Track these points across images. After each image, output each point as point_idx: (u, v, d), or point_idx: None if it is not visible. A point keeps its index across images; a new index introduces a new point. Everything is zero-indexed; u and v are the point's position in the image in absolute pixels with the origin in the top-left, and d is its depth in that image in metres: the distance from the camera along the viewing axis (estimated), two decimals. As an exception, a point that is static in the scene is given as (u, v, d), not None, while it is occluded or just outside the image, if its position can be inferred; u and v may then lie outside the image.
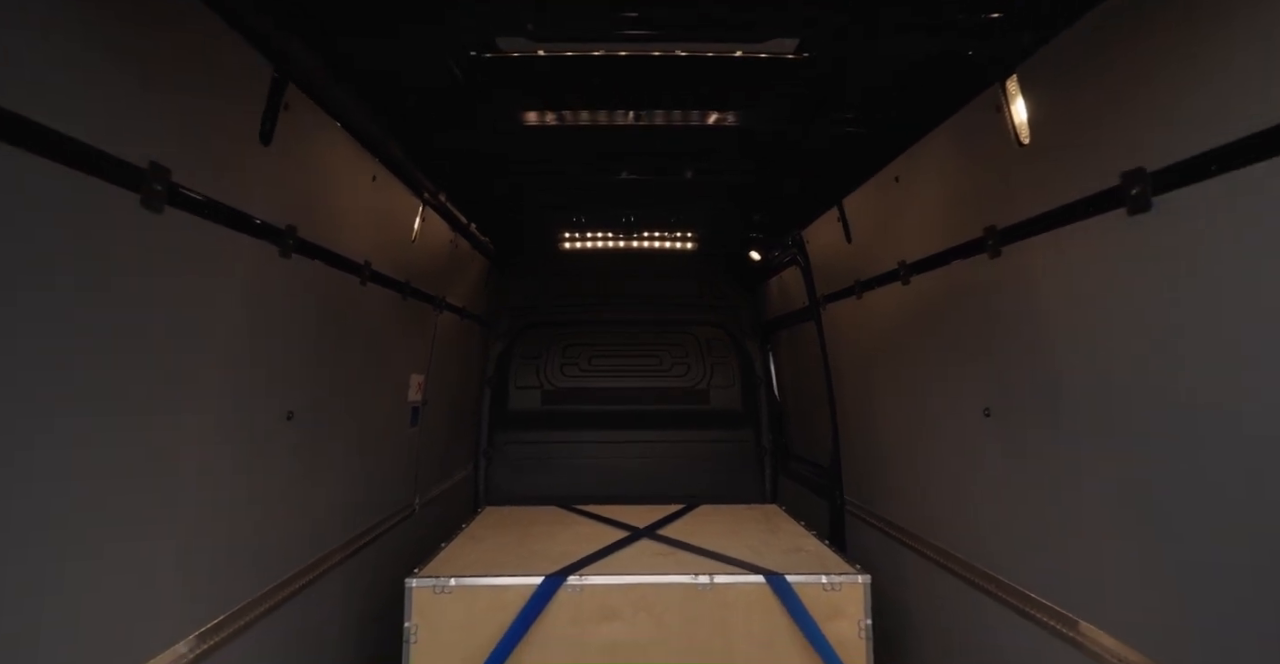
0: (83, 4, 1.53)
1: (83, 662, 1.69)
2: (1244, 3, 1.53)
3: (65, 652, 1.64)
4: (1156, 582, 1.93)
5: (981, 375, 2.86)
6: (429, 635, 2.97)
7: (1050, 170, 2.26)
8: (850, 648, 2.99)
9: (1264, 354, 1.57)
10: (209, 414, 2.21)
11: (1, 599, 1.46)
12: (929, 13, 2.21)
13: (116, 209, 1.71)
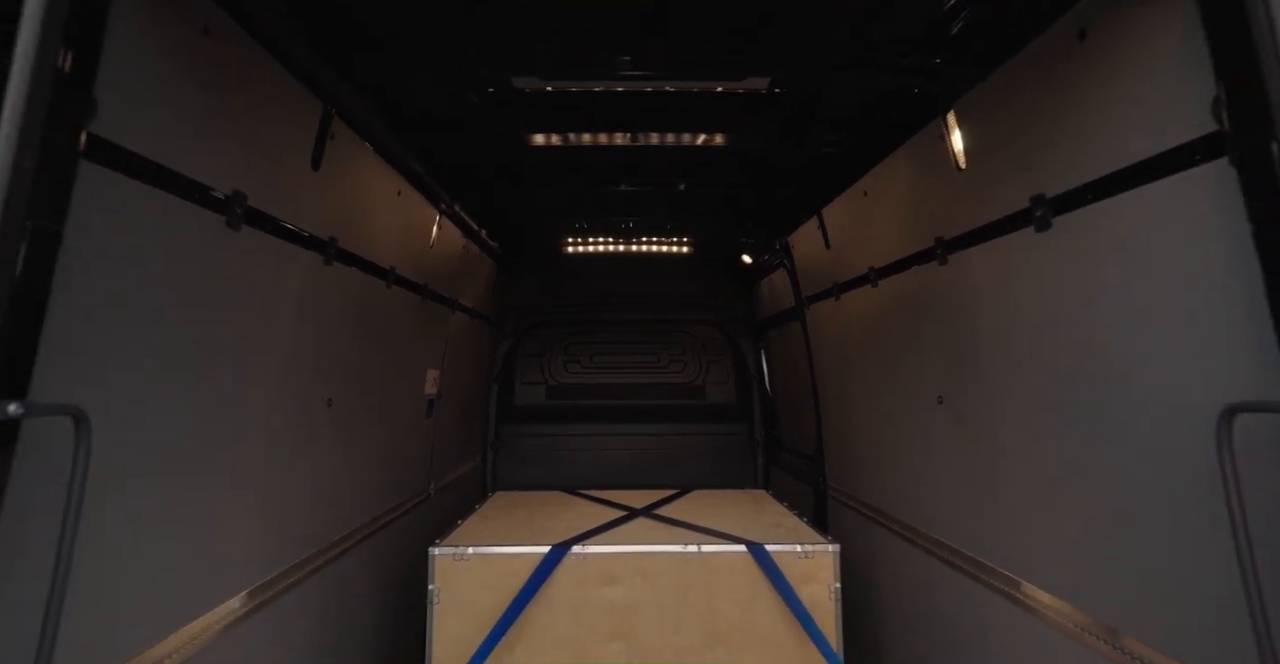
0: (190, 66, 1.93)
1: (165, 602, 2.07)
2: (1108, 71, 1.92)
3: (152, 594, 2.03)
4: (1082, 543, 2.30)
5: (935, 368, 3.26)
6: (449, 597, 3.37)
7: (980, 192, 2.66)
8: (822, 609, 3.38)
9: (1134, 342, 1.96)
10: (270, 399, 2.61)
11: (120, 545, 1.85)
12: (876, 57, 2.61)
13: (208, 229, 2.11)
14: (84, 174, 1.51)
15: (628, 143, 3.66)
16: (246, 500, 2.51)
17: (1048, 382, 2.38)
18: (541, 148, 3.74)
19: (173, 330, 1.99)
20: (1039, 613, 2.49)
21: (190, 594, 2.18)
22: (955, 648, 3.17)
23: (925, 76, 2.69)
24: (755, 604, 3.41)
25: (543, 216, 5.44)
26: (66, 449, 1.39)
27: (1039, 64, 2.23)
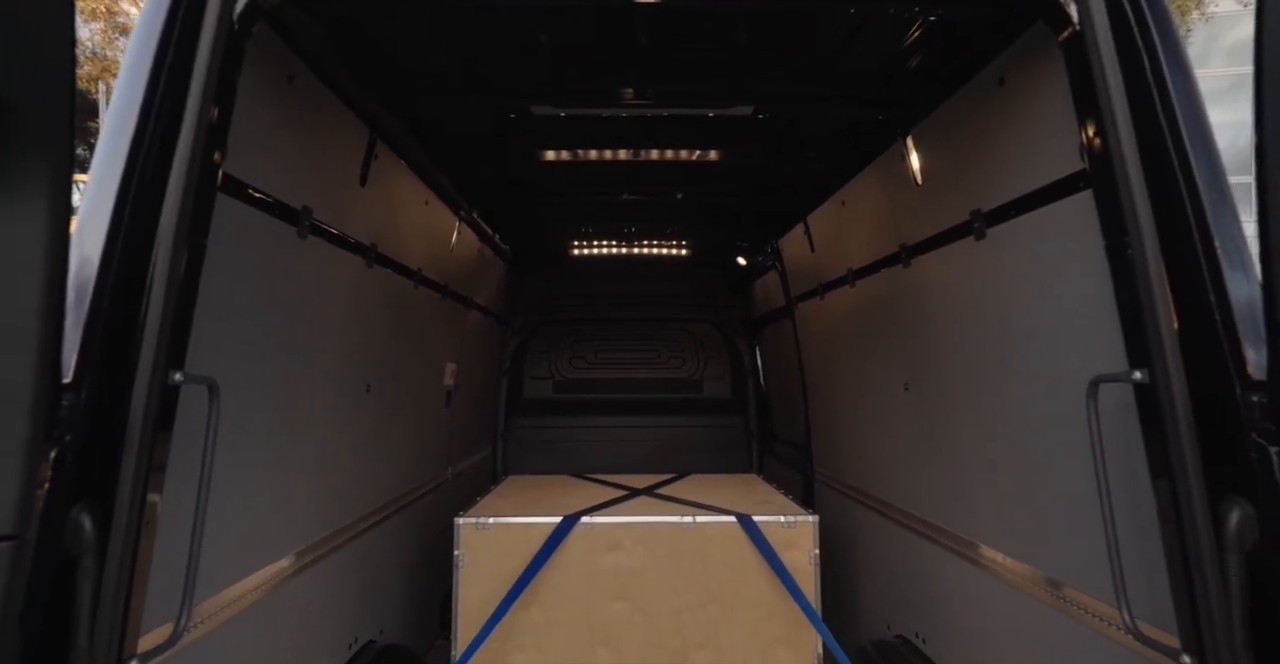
0: (278, 108, 2.36)
1: (240, 555, 2.49)
2: (1020, 112, 2.36)
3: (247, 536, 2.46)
4: (1018, 505, 2.72)
5: (902, 359, 3.70)
6: (472, 561, 3.80)
7: (933, 205, 3.09)
8: (802, 572, 3.82)
9: (1041, 330, 2.39)
10: (324, 382, 3.05)
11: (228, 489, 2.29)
12: (843, 91, 3.05)
13: (284, 239, 2.55)
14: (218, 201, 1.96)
15: (630, 158, 4.10)
16: (307, 467, 2.94)
17: (985, 367, 2.82)
18: (552, 163, 4.18)
19: (260, 322, 2.43)
20: (993, 570, 2.88)
21: (266, 543, 2.62)
22: (921, 604, 3.61)
23: (884, 108, 3.13)
24: (744, 568, 3.84)
25: (551, 223, 5.88)
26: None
27: (971, 102, 2.67)
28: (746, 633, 3.80)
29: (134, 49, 1.72)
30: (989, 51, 2.45)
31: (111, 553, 1.57)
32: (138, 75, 1.69)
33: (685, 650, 3.79)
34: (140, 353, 1.64)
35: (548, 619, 3.79)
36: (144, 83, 1.69)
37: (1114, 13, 1.77)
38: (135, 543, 1.63)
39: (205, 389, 1.87)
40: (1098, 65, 1.76)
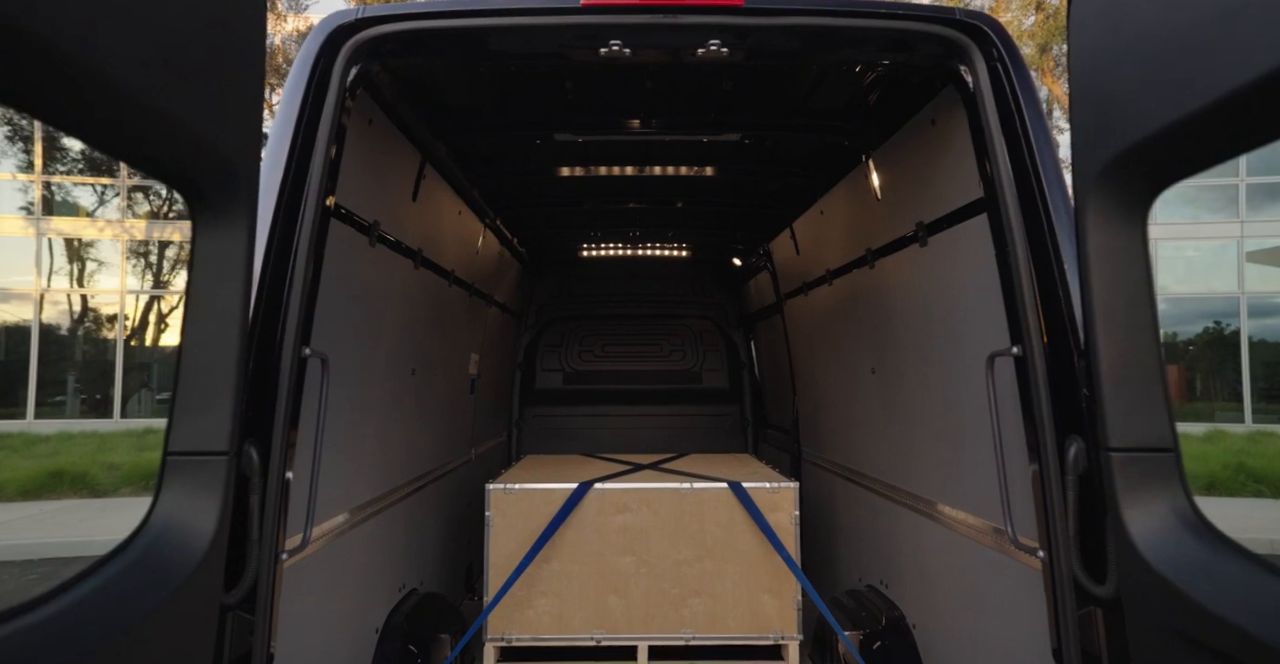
0: (361, 145, 2.99)
1: (333, 496, 3.12)
2: (946, 146, 2.98)
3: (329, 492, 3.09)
4: (954, 460, 3.34)
5: (869, 346, 4.32)
6: (501, 521, 4.43)
7: (890, 216, 3.72)
8: (785, 531, 4.43)
9: (963, 319, 3.01)
10: (384, 364, 3.68)
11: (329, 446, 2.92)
12: (813, 122, 3.68)
13: (360, 248, 3.18)
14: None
15: (635, 174, 4.73)
16: (369, 435, 3.58)
17: (928, 349, 3.45)
18: (568, 177, 4.81)
19: (343, 314, 3.06)
20: (948, 523, 3.46)
21: (346, 491, 3.25)
22: (883, 555, 4.24)
23: (848, 136, 3.76)
24: (734, 527, 4.46)
25: (565, 229, 6.52)
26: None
27: (913, 135, 3.29)
28: (736, 583, 4.42)
29: (283, 107, 2.35)
30: (922, 98, 3.08)
31: (271, 476, 2.20)
32: (285, 127, 2.32)
33: (684, 597, 4.42)
34: (284, 335, 2.28)
35: (565, 570, 4.41)
36: (290, 132, 2.32)
37: (994, 81, 2.39)
38: (284, 471, 2.27)
39: (319, 362, 2.51)
40: (985, 119, 2.39)
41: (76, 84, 1.41)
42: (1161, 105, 1.70)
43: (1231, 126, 1.63)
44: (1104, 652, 2.10)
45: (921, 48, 2.58)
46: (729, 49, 2.54)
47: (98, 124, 1.59)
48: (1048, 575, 2.30)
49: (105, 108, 1.52)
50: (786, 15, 2.49)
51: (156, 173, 1.82)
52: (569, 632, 4.37)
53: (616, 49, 2.54)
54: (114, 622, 1.61)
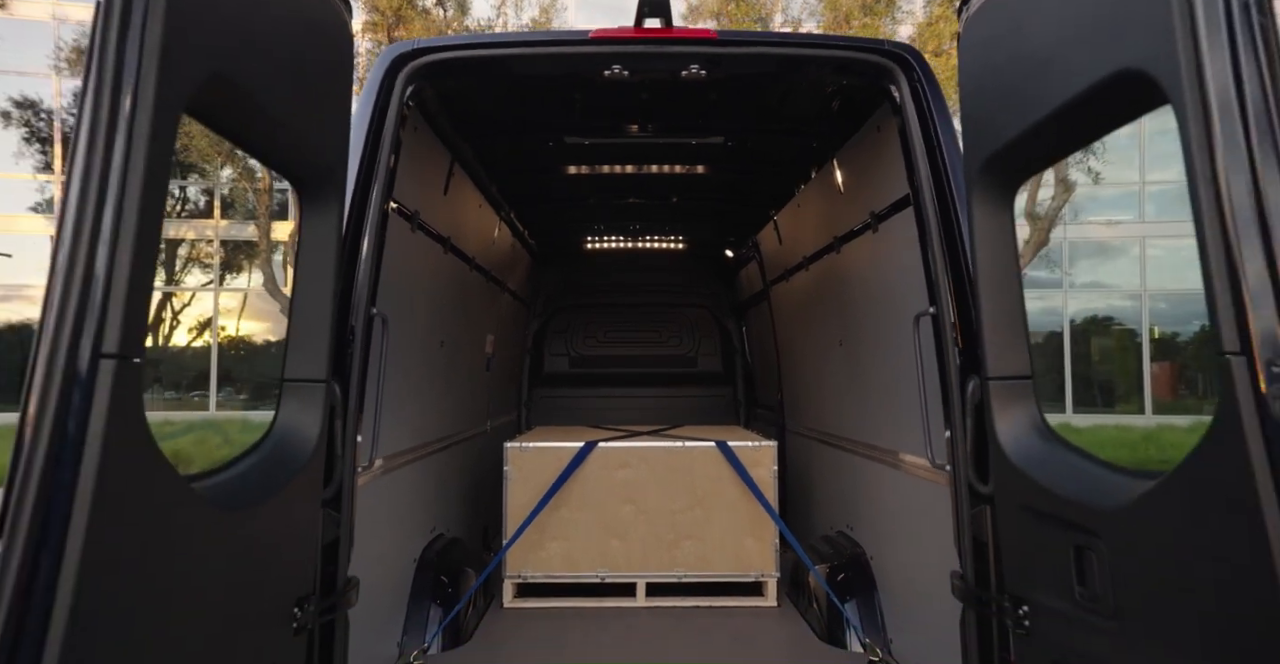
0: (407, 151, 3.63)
1: (388, 435, 3.76)
2: (886, 149, 3.61)
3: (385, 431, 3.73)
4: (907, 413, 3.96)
5: (838, 322, 4.97)
6: (517, 475, 5.08)
7: (851, 208, 4.36)
8: (765, 484, 5.07)
9: (903, 290, 3.65)
10: (420, 333, 4.33)
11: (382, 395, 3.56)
12: (785, 127, 4.33)
13: (404, 233, 3.83)
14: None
15: (635, 172, 5.38)
16: (408, 392, 4.22)
17: (878, 318, 4.09)
18: (575, 175, 5.46)
19: (395, 286, 3.70)
20: (907, 470, 4.00)
21: (394, 434, 3.89)
22: (849, 503, 4.88)
23: (816, 138, 4.41)
24: (721, 480, 5.11)
25: (571, 222, 7.17)
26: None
27: (865, 139, 3.94)
28: (722, 528, 5.07)
29: (356, 118, 3.00)
30: (870, 109, 3.72)
31: (350, 407, 2.85)
32: (359, 135, 2.97)
33: (677, 541, 5.06)
34: (356, 296, 2.93)
35: (573, 517, 5.06)
36: (362, 140, 2.97)
37: (915, 98, 3.04)
38: (360, 404, 2.91)
39: (381, 320, 3.16)
40: (908, 127, 3.03)
41: (244, 107, 2.06)
42: (1014, 120, 2.35)
43: (1058, 134, 2.28)
44: (989, 537, 2.74)
45: (860, 70, 3.23)
46: (706, 71, 3.19)
47: (252, 134, 2.24)
48: (951, 484, 2.95)
49: (258, 122, 2.18)
50: (751, 45, 3.15)
51: (280, 170, 2.48)
52: (576, 570, 5.02)
53: (617, 71, 3.20)
54: (263, 489, 2.27)
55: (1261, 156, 1.58)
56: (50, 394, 1.50)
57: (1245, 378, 1.57)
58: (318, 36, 2.44)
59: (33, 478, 1.46)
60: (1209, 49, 1.62)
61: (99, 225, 1.56)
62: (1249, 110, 1.59)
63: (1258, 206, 1.57)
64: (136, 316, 1.62)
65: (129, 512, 1.63)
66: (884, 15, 16.29)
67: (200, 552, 1.92)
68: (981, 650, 2.77)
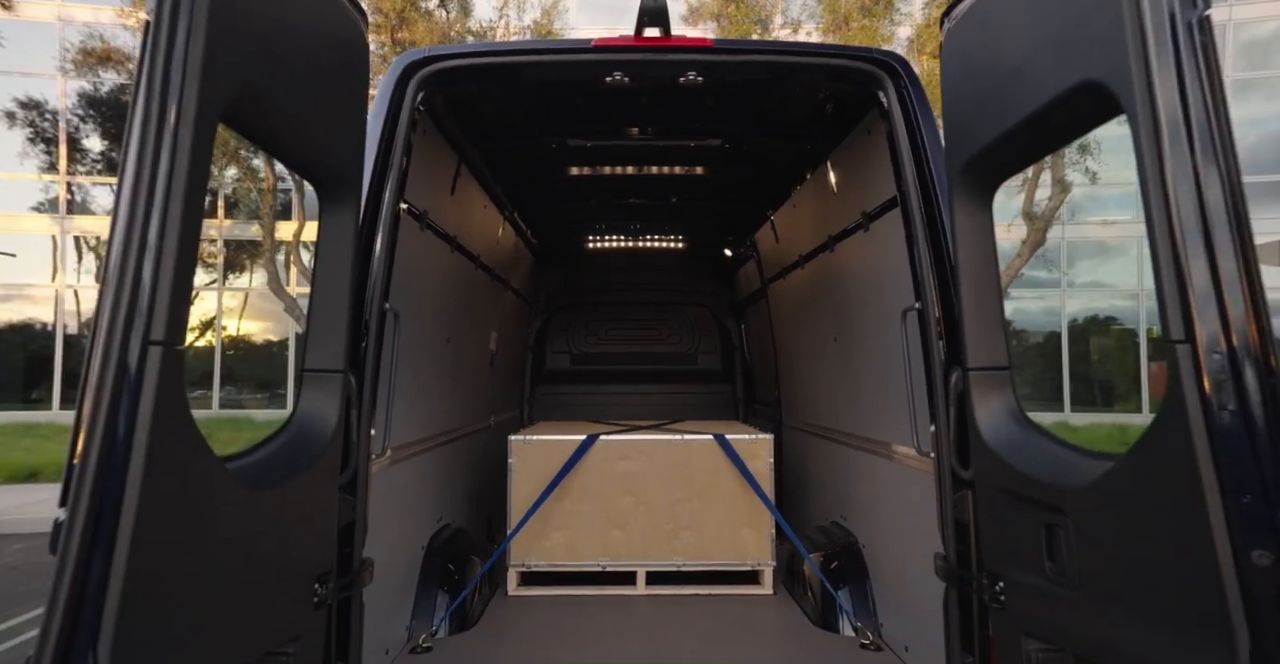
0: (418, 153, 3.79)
1: (409, 424, 3.92)
2: (877, 152, 3.77)
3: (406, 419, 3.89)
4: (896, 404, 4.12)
5: (832, 318, 5.12)
6: (521, 467, 5.23)
7: (844, 207, 4.52)
8: (762, 476, 5.23)
9: (892, 286, 3.80)
10: (429, 329, 4.48)
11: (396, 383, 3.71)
12: (781, 130, 4.49)
13: (414, 232, 3.99)
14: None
15: (635, 173, 5.54)
16: (415, 386, 4.38)
17: (870, 313, 4.25)
18: (577, 176, 5.61)
19: (405, 282, 3.86)
20: (897, 461, 4.20)
21: (405, 425, 4.05)
22: (842, 494, 5.03)
23: (811, 141, 4.57)
24: (719, 472, 5.26)
25: (572, 222, 7.33)
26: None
27: (856, 141, 4.10)
28: (720, 519, 5.22)
29: (370, 123, 3.15)
30: (861, 113, 3.88)
31: (364, 397, 3.01)
32: (372, 138, 3.13)
33: (676, 531, 5.22)
34: (370, 291, 3.09)
35: (575, 508, 5.22)
36: (375, 143, 3.13)
37: (902, 103, 3.20)
38: (374, 394, 3.07)
39: (394, 314, 3.32)
40: (895, 131, 3.19)
41: (271, 113, 2.22)
42: (990, 125, 2.51)
43: (1030, 139, 2.44)
44: (970, 520, 2.90)
45: (850, 77, 3.39)
46: (703, 78, 3.35)
47: (277, 139, 2.40)
48: (936, 471, 3.10)
49: (283, 127, 2.34)
50: (745, 53, 3.31)
51: (302, 171, 2.64)
52: (578, 559, 5.18)
53: (618, 78, 3.36)
54: (287, 471, 2.43)
55: (1203, 163, 1.74)
56: (106, 378, 1.66)
57: (1190, 363, 1.72)
58: (336, 46, 2.60)
59: (92, 453, 1.62)
60: (1158, 65, 1.78)
61: (147, 225, 1.72)
62: (1192, 121, 1.74)
63: (1200, 209, 1.73)
64: (180, 308, 1.78)
65: (173, 482, 1.79)
66: (882, 17, 16.43)
67: (232, 525, 2.08)
68: (963, 626, 2.93)
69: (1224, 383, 1.69)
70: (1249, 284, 1.70)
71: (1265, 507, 1.63)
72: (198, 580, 1.91)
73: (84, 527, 1.60)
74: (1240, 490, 1.65)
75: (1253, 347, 1.68)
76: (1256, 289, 1.70)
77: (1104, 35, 1.92)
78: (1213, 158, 1.74)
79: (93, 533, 1.60)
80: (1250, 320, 1.69)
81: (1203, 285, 1.72)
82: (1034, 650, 2.42)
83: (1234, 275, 1.71)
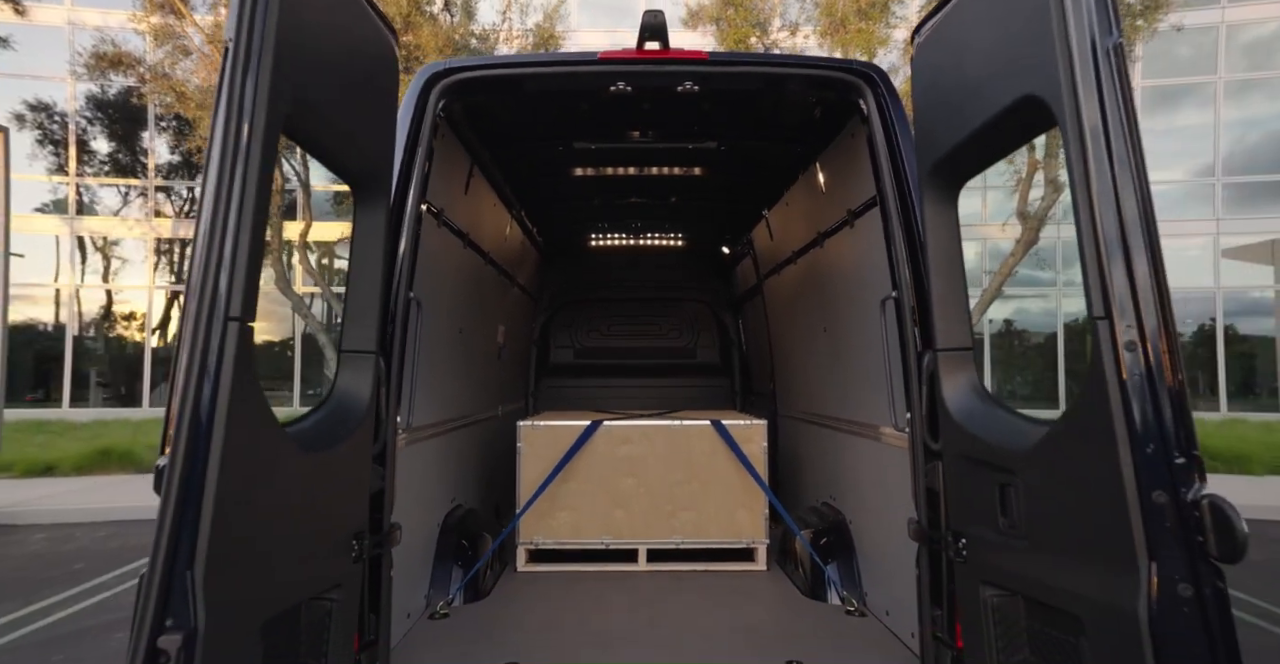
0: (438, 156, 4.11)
1: (430, 407, 4.24)
2: (859, 154, 4.09)
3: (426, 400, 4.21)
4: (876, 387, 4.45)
5: (822, 310, 5.45)
6: (529, 450, 5.56)
7: (832, 205, 4.84)
8: (756, 459, 5.55)
9: (873, 277, 4.12)
10: (444, 320, 4.80)
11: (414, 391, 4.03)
12: (773, 133, 4.81)
13: (433, 229, 4.31)
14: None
15: (636, 174, 5.86)
16: (432, 373, 4.70)
17: (854, 303, 4.57)
18: (581, 177, 5.94)
19: (424, 274, 4.18)
20: (885, 441, 4.48)
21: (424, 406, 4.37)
22: (831, 476, 5.35)
23: (801, 143, 4.89)
24: (716, 456, 5.58)
25: (576, 221, 7.65)
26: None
27: (842, 143, 4.42)
28: (717, 500, 5.55)
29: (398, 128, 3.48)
30: (845, 118, 4.20)
31: (392, 378, 3.33)
32: (399, 145, 3.45)
33: (675, 511, 5.54)
34: (396, 280, 3.41)
35: (580, 489, 5.54)
36: (402, 147, 3.45)
37: (880, 110, 3.52)
38: (400, 374, 3.39)
39: (417, 303, 3.64)
40: (873, 136, 3.51)
41: (320, 124, 2.55)
42: (953, 132, 2.83)
43: (985, 145, 2.76)
44: (940, 487, 3.22)
45: (833, 86, 3.71)
46: (699, 87, 3.67)
47: (324, 146, 2.73)
48: (909, 443, 3.42)
49: (328, 135, 2.66)
50: (737, 65, 3.63)
51: (341, 174, 2.97)
52: (583, 537, 5.50)
53: (621, 87, 3.68)
54: (331, 438, 2.75)
55: (1119, 166, 2.06)
56: (196, 347, 1.98)
57: (1107, 336, 2.04)
58: (372, 62, 2.92)
59: (185, 411, 1.94)
60: (1082, 84, 2.10)
61: (225, 222, 2.04)
62: (1110, 131, 2.07)
63: (1116, 207, 2.06)
64: (250, 290, 2.10)
65: (245, 436, 2.11)
66: (879, 20, 16.73)
67: (289, 479, 2.40)
68: (933, 583, 3.25)
69: (1134, 352, 2.01)
70: (1154, 270, 2.02)
71: (1163, 454, 1.95)
72: (265, 522, 2.24)
73: (180, 470, 1.92)
74: (1145, 442, 1.97)
75: (1156, 322, 2.00)
76: (1160, 274, 2.02)
77: (1041, 56, 2.24)
78: (1127, 162, 2.06)
79: (187, 476, 1.93)
80: (1155, 301, 2.01)
81: (1118, 270, 2.04)
82: (990, 597, 2.73)
83: (1144, 263, 2.03)
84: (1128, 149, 2.05)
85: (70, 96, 23.84)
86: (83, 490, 12.43)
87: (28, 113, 24.39)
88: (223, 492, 1.98)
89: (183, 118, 18.25)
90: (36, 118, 24.91)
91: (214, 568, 1.95)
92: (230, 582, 2.03)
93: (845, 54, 17.16)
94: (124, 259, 25.89)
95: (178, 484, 1.90)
